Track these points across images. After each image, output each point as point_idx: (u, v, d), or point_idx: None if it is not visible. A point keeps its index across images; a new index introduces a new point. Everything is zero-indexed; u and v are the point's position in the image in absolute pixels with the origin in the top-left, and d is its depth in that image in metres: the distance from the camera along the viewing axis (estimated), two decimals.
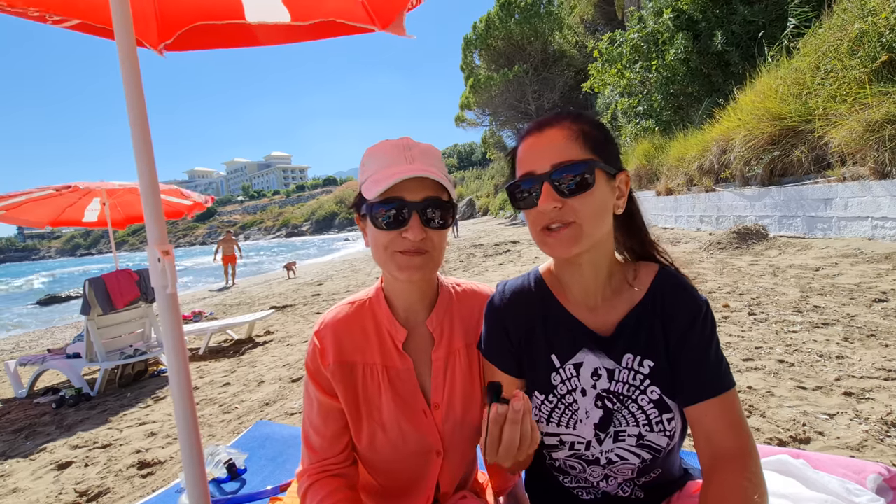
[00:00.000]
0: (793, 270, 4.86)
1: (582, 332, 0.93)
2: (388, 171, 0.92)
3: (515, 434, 0.74)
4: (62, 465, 2.92)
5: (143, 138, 1.01)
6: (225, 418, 3.31)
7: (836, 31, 6.30)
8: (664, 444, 0.89)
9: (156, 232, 1.00)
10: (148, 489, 2.44)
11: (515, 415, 0.73)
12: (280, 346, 5.39)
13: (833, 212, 5.73)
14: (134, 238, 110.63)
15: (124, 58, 1.01)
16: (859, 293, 3.78)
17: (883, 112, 5.00)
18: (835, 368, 2.58)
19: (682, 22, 10.55)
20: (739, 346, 3.11)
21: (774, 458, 1.15)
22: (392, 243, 0.94)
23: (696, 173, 9.04)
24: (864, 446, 1.86)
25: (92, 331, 4.52)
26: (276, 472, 2.18)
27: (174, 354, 1.00)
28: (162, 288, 0.99)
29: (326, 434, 1.02)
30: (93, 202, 5.73)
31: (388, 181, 0.89)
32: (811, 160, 6.26)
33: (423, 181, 0.92)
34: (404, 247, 0.93)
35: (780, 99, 6.79)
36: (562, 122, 0.87)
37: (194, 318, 8.44)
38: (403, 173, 0.90)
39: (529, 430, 0.75)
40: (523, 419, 0.74)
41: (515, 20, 23.74)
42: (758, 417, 2.20)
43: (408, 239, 0.92)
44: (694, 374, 0.86)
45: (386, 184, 0.89)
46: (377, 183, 0.91)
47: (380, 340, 1.04)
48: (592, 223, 0.84)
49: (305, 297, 9.27)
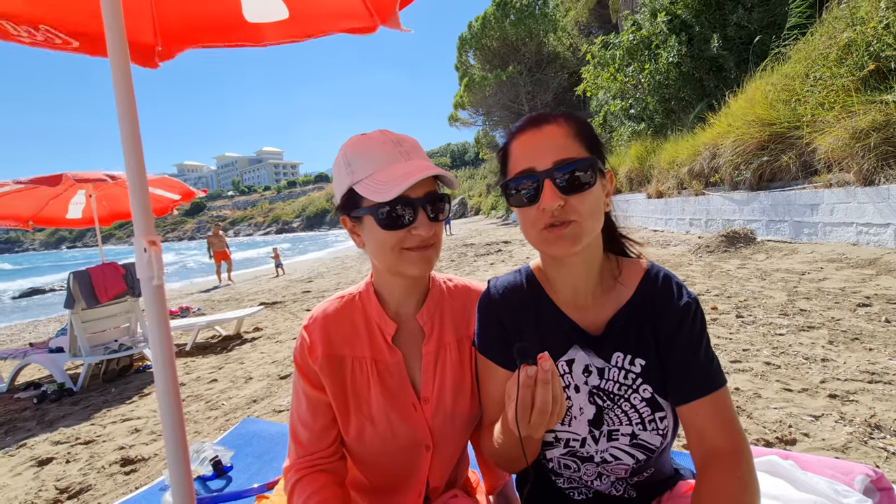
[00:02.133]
0: (780, 274, 4.93)
1: (573, 329, 0.93)
2: (390, 171, 0.90)
3: (548, 395, 0.71)
4: (42, 462, 2.85)
5: (131, 122, 0.98)
6: (211, 415, 3.27)
7: (826, 39, 6.40)
8: (657, 444, 0.89)
9: (142, 222, 0.98)
10: (131, 486, 2.39)
11: (545, 374, 0.71)
12: (269, 343, 5.34)
13: (819, 217, 5.82)
14: (121, 232, 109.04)
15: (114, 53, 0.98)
16: (844, 297, 3.84)
17: (869, 120, 5.09)
18: (820, 371, 2.61)
19: (675, 26, 10.64)
20: (727, 347, 3.14)
21: (764, 458, 1.16)
22: (400, 242, 0.92)
23: (686, 177, 9.13)
24: (848, 448, 1.89)
25: (76, 325, 4.43)
26: (262, 470, 2.15)
27: (160, 347, 0.98)
28: (148, 279, 0.96)
29: (315, 428, 1.01)
30: (77, 195, 5.60)
31: (402, 183, 0.86)
32: (799, 166, 6.36)
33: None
34: (414, 243, 0.93)
35: (770, 105, 6.88)
36: (558, 119, 0.86)
37: (181, 313, 8.33)
38: (413, 174, 0.88)
39: (560, 393, 0.74)
40: (553, 380, 0.72)
41: (511, 21, 23.80)
42: (745, 419, 2.22)
43: (418, 235, 0.91)
44: (685, 372, 0.85)
45: (399, 186, 0.86)
46: (384, 185, 0.88)
47: (369, 334, 1.03)
48: (592, 221, 0.83)
49: (295, 294, 9.20)
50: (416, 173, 0.88)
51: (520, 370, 0.73)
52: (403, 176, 0.88)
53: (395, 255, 0.94)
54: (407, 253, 0.93)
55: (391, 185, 0.87)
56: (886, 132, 4.98)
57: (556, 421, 0.75)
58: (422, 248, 0.93)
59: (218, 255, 13.10)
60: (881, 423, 2.01)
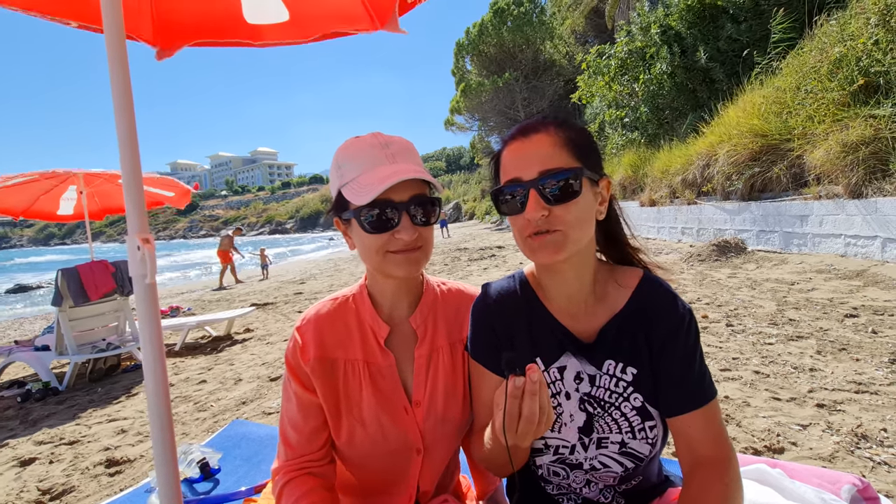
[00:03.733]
0: (769, 284, 4.98)
1: (565, 336, 0.93)
2: (373, 174, 0.90)
3: (535, 406, 0.72)
4: (25, 462, 2.80)
5: (128, 120, 0.97)
6: (200, 416, 3.23)
7: (817, 53, 6.52)
8: (647, 452, 0.89)
9: (136, 219, 0.97)
10: (115, 488, 2.36)
11: (533, 385, 0.72)
12: (259, 345, 5.30)
13: (808, 228, 5.90)
14: (112, 229, 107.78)
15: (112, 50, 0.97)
16: (832, 308, 3.89)
17: (858, 134, 5.18)
18: (808, 380, 2.64)
19: (669, 37, 10.79)
20: (717, 356, 3.17)
21: (752, 467, 1.17)
22: (385, 245, 0.93)
23: (679, 186, 9.22)
24: (835, 457, 1.91)
25: (63, 323, 4.37)
26: (251, 473, 2.12)
27: (150, 346, 0.97)
28: (140, 277, 0.95)
29: (304, 430, 1.00)
30: (68, 191, 5.53)
31: (378, 187, 0.87)
32: (790, 177, 6.45)
33: (408, 179, 0.91)
34: (398, 247, 0.93)
35: (762, 117, 6.98)
36: (548, 127, 0.86)
37: (171, 313, 8.25)
38: (392, 177, 0.88)
39: (547, 404, 0.74)
40: (540, 391, 0.72)
41: (508, 27, 23.97)
42: (734, 427, 2.24)
43: (401, 239, 0.91)
44: (679, 385, 0.86)
45: (376, 189, 0.87)
46: (364, 188, 0.89)
47: (362, 337, 1.03)
48: (578, 230, 0.83)
49: (287, 296, 9.14)
50: (394, 177, 0.88)
51: (508, 380, 0.73)
52: (382, 179, 0.88)
53: (380, 257, 0.94)
54: (392, 256, 0.93)
55: (371, 188, 0.88)
56: (875, 146, 5.07)
57: (543, 431, 0.75)
58: (407, 251, 0.93)
59: (226, 257, 12.72)
60: (867, 433, 2.04)
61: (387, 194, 0.89)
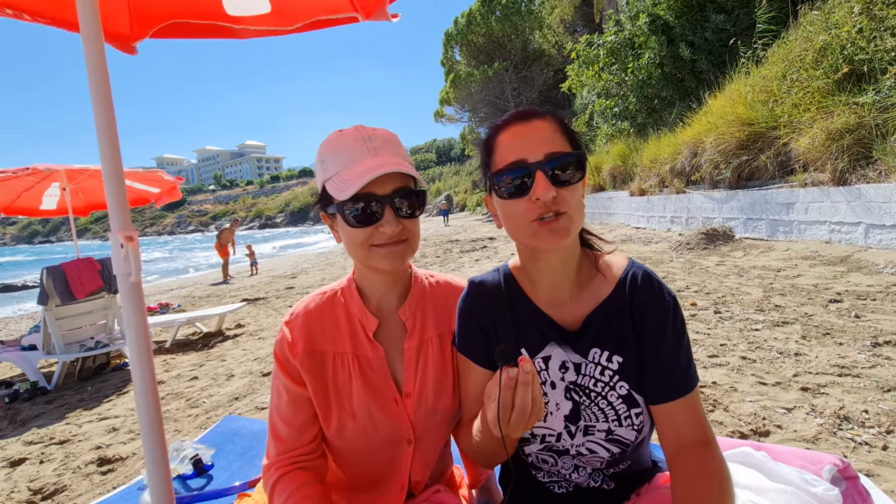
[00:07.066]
0: (756, 271, 5.06)
1: (549, 326, 0.93)
2: (354, 168, 0.91)
3: (527, 397, 0.73)
4: (15, 462, 2.77)
5: (107, 115, 0.95)
6: (192, 413, 3.22)
7: (802, 42, 6.56)
8: (632, 438, 0.91)
9: (119, 216, 0.95)
10: (108, 486, 2.35)
11: (526, 376, 0.73)
12: (251, 340, 5.27)
13: (794, 216, 5.99)
14: (97, 226, 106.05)
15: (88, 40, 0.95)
16: (816, 294, 3.97)
17: (843, 122, 5.25)
18: (793, 365, 2.69)
19: (657, 27, 10.79)
20: (705, 343, 3.22)
21: (738, 450, 1.19)
22: (369, 239, 0.93)
23: (667, 175, 9.28)
24: (818, 439, 1.96)
25: (49, 322, 4.31)
26: (244, 468, 2.13)
27: (137, 344, 0.96)
28: (125, 276, 0.94)
29: (295, 424, 1.01)
30: (51, 187, 5.43)
31: (359, 181, 0.87)
32: (776, 165, 6.52)
33: (391, 172, 0.91)
34: (382, 240, 0.93)
35: (749, 105, 7.02)
36: (545, 114, 0.88)
37: (161, 309, 8.16)
38: (372, 170, 0.88)
39: (539, 395, 0.75)
40: (532, 382, 0.74)
41: (496, 17, 23.78)
42: (721, 411, 2.28)
43: (385, 232, 0.91)
44: (665, 373, 0.87)
45: (356, 184, 0.87)
46: (346, 182, 0.89)
47: (351, 330, 1.03)
48: (580, 214, 0.85)
49: (278, 290, 9.09)
50: (375, 170, 0.88)
51: (501, 372, 0.75)
52: (363, 173, 0.88)
53: (364, 251, 0.94)
54: (376, 249, 0.94)
55: (352, 182, 0.88)
56: (859, 133, 5.13)
57: (535, 422, 0.77)
58: (391, 244, 0.94)
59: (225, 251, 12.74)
60: (849, 415, 2.09)
61: (369, 188, 0.89)
